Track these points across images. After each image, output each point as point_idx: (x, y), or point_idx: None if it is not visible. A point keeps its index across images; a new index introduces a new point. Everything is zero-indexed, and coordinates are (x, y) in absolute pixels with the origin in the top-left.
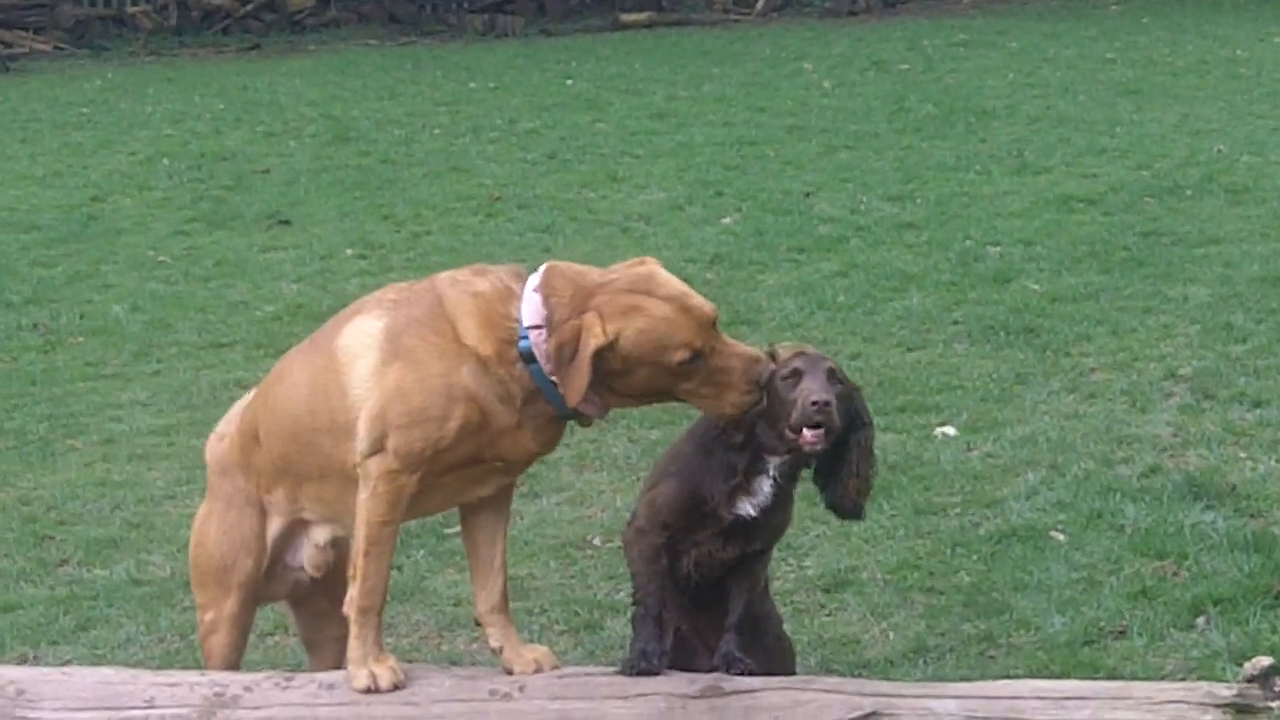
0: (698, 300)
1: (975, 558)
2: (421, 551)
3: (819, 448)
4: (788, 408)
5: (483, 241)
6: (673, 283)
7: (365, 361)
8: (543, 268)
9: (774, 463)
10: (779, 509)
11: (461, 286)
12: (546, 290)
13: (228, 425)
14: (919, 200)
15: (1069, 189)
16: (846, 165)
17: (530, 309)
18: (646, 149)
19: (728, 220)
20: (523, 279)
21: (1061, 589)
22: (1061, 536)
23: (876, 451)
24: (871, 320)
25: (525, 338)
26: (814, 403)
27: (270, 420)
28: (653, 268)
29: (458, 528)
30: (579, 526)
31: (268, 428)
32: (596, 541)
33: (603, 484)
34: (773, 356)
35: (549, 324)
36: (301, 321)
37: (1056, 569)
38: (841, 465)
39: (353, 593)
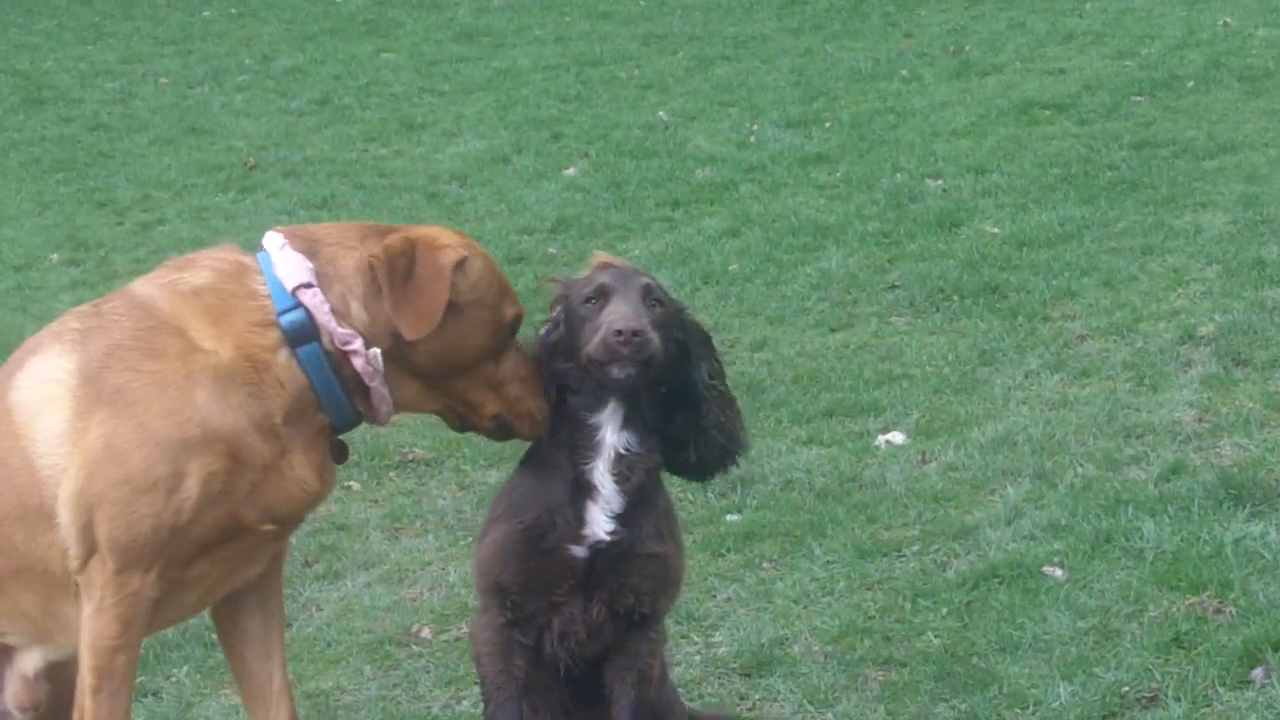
0: None
1: (945, 611)
2: (185, 668)
3: (631, 370)
4: (590, 335)
5: (238, 226)
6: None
7: (53, 419)
8: (271, 234)
9: (607, 426)
10: (645, 523)
11: (171, 287)
12: (305, 242)
13: None
14: (828, 124)
15: (1028, 92)
16: (726, 83)
17: (292, 267)
18: (453, 83)
19: (572, 171)
20: (247, 252)
21: (1065, 645)
22: (1059, 572)
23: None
24: (777, 294)
25: (293, 308)
26: (618, 332)
27: None
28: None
29: None
30: (399, 614)
31: None
32: (425, 634)
33: (427, 551)
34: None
35: (327, 276)
36: None
37: (1057, 618)
38: (695, 409)
39: None
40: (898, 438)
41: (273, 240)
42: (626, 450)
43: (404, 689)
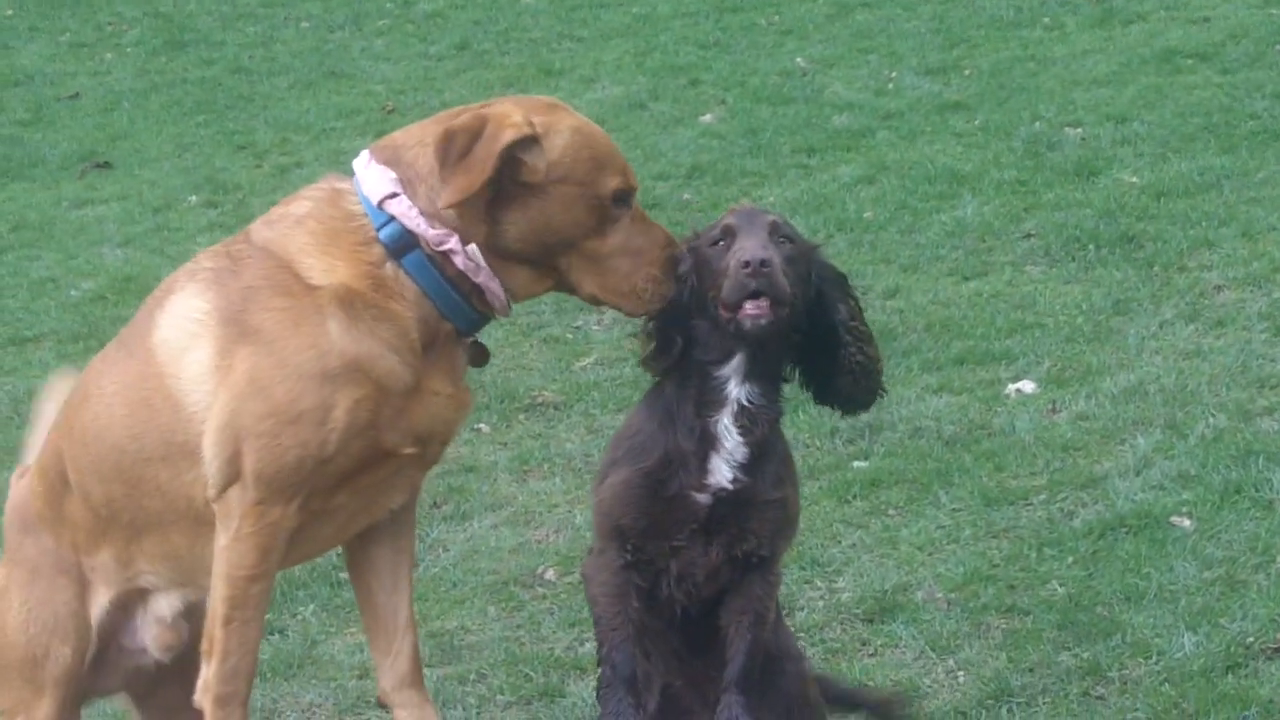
0: None
1: (1070, 560)
2: (311, 606)
3: (763, 322)
4: (719, 278)
5: None
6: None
7: (197, 356)
8: (361, 154)
9: (732, 379)
10: (765, 472)
11: (281, 225)
12: (387, 151)
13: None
14: (968, 72)
15: (1172, 41)
16: (866, 30)
17: (375, 180)
18: (592, 28)
19: (708, 118)
20: (346, 178)
21: (1191, 595)
22: (1187, 523)
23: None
24: (911, 241)
25: (389, 221)
26: (745, 264)
27: (82, 455)
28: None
29: None
30: (525, 556)
31: (80, 465)
32: (550, 576)
33: (554, 494)
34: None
35: (411, 181)
36: (132, 300)
37: (1183, 568)
38: (835, 352)
39: (208, 675)
40: (1028, 386)
41: (360, 159)
42: (750, 402)
43: (527, 630)
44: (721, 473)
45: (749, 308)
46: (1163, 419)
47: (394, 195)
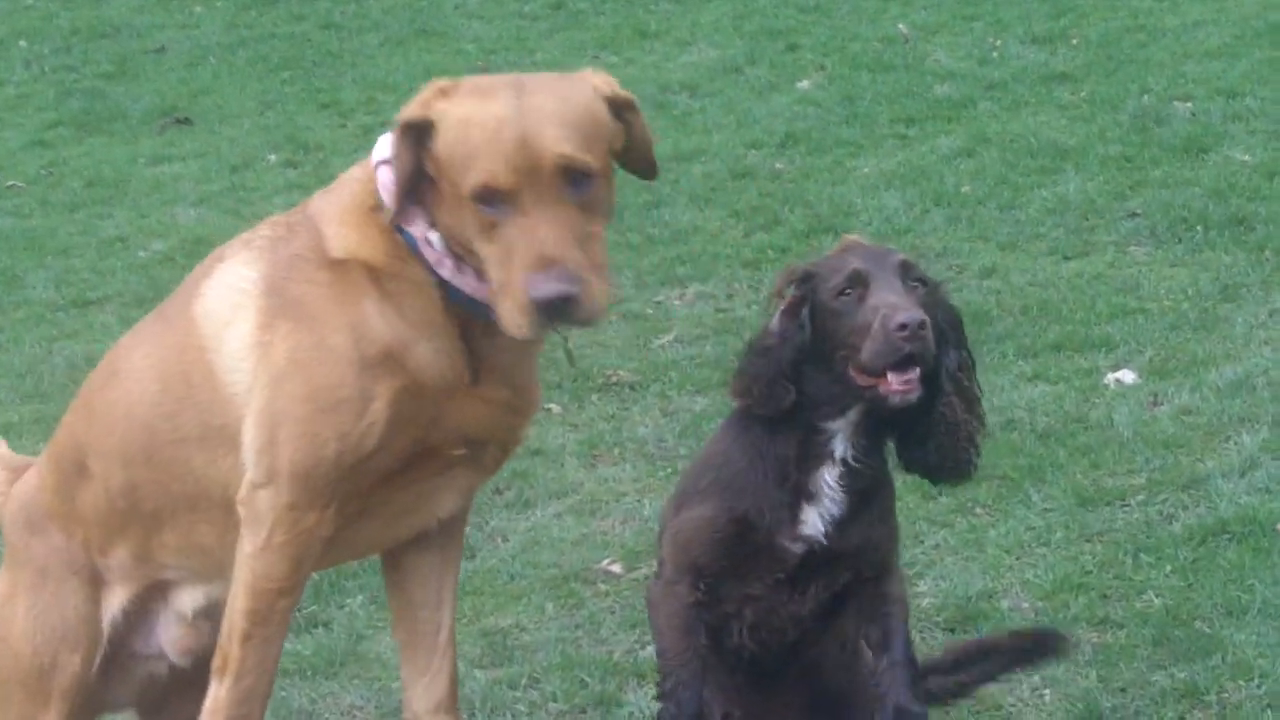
0: (554, 132)
1: (1168, 569)
2: (360, 598)
3: (913, 397)
4: (854, 336)
5: None
6: (575, 93)
7: (240, 329)
8: None
9: (839, 435)
10: (865, 517)
11: (334, 191)
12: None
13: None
14: (1075, 41)
15: None
16: None
17: (380, 145)
18: None
19: (805, 84)
20: None
21: None
22: None
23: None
24: (1010, 218)
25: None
26: (901, 325)
27: (105, 438)
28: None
29: None
30: (589, 548)
31: (102, 449)
32: (615, 569)
33: (623, 482)
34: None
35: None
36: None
37: None
38: (930, 404)
39: (220, 695)
40: (1129, 376)
41: None
42: (855, 461)
43: (586, 630)
44: (816, 526)
45: (896, 382)
46: (1271, 415)
47: (386, 162)
